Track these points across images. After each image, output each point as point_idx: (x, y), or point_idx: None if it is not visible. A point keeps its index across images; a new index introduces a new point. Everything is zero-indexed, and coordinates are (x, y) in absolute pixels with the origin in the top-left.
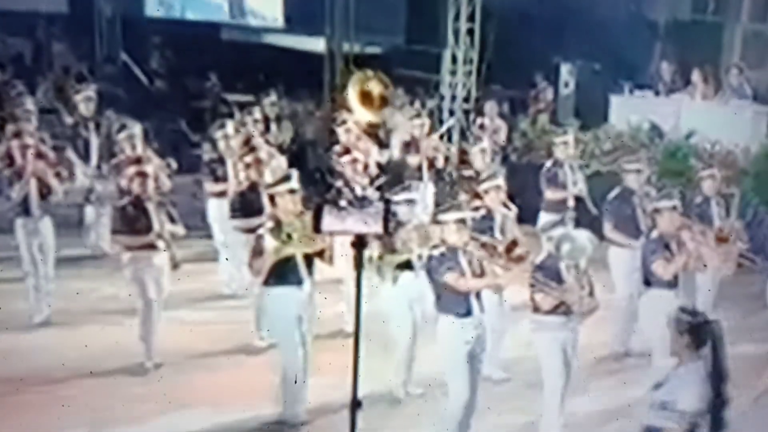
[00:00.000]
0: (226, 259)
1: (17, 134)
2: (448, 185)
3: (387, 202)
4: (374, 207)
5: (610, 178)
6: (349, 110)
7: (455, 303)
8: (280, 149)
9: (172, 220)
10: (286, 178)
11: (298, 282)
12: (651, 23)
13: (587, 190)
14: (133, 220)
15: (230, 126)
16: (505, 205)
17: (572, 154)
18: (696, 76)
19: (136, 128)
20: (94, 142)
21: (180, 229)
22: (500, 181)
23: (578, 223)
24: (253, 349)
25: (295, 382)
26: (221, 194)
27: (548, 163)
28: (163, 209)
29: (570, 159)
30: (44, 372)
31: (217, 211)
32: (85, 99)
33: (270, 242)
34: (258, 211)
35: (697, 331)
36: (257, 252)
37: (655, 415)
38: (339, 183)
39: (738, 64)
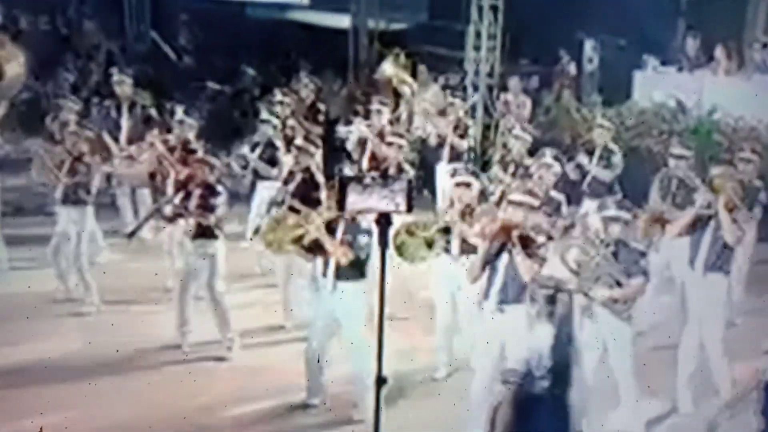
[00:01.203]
0: (250, 239)
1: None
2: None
3: (410, 181)
4: (398, 183)
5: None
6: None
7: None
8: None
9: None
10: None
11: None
12: None
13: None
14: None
15: (264, 112)
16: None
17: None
18: (719, 51)
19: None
20: (125, 125)
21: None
22: (549, 159)
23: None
24: (281, 329)
25: (318, 361)
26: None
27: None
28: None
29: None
30: (71, 357)
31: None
32: (119, 82)
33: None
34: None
35: (549, 300)
36: None
37: None
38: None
39: (761, 40)
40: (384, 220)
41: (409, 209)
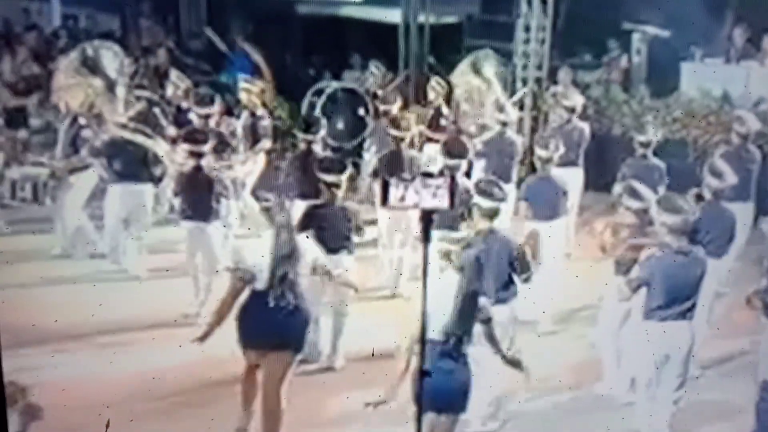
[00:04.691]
0: None
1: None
2: None
3: (453, 177)
4: (440, 180)
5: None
6: None
7: None
8: None
9: None
10: None
11: None
12: None
13: None
14: None
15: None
16: None
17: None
18: (767, 42)
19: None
20: (239, 132)
21: None
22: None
23: None
24: None
25: None
26: None
27: None
28: None
29: None
30: None
31: None
32: (246, 89)
33: None
34: None
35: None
36: None
37: None
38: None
39: None
40: (427, 217)
41: (452, 205)
